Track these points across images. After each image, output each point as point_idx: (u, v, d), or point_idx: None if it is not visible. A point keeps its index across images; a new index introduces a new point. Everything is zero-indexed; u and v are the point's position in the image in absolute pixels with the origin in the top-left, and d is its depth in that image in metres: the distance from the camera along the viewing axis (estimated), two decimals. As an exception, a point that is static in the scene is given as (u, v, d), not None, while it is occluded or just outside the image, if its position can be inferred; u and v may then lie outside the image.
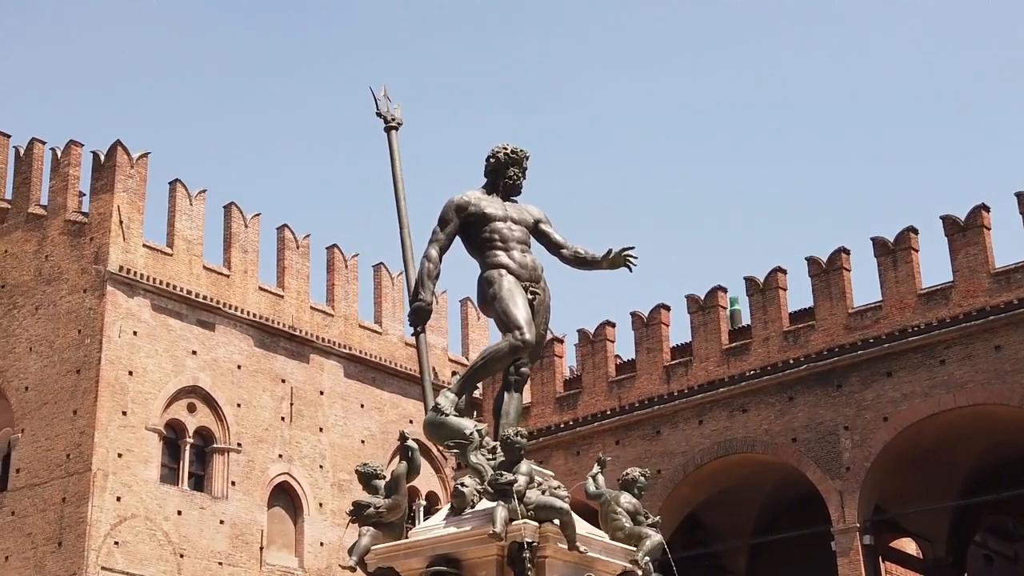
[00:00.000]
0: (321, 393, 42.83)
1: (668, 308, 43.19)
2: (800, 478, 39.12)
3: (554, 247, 13.94)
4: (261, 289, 42.31)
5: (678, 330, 43.58)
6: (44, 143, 41.81)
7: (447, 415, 13.00)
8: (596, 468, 13.58)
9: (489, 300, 13.40)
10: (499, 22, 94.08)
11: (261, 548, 39.79)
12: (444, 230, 13.60)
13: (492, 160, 13.98)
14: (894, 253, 38.65)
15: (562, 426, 43.78)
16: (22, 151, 42.12)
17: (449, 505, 12.61)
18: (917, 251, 38.72)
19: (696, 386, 41.40)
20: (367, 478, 12.96)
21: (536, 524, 11.85)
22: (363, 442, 42.55)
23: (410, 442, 12.91)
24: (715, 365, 41.43)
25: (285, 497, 41.23)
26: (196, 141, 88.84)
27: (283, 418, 41.45)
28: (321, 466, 41.62)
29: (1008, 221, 59.52)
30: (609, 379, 43.56)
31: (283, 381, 41.90)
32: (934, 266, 48.33)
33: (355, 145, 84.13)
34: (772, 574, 44.13)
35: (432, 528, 12.56)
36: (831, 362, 38.75)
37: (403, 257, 14.16)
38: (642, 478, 13.48)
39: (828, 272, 39.77)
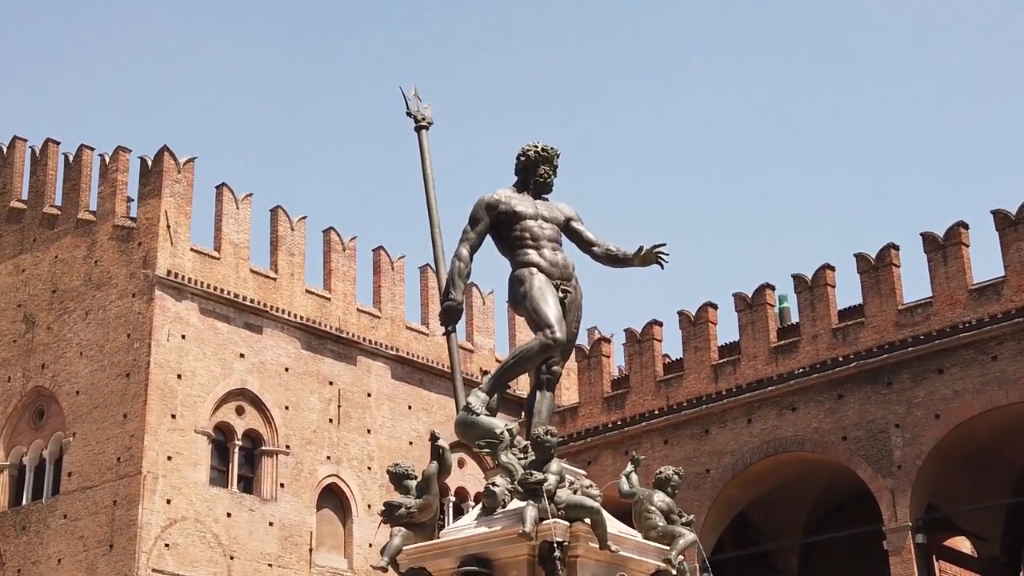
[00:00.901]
0: (368, 395, 42.92)
1: (716, 306, 43.04)
2: (851, 477, 38.84)
3: (586, 245, 13.86)
4: (308, 292, 42.43)
5: (726, 328, 43.47)
6: (93, 149, 42.11)
7: (478, 414, 12.95)
8: (629, 467, 13.47)
9: (520, 299, 13.35)
10: (540, 23, 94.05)
11: (310, 550, 39.94)
12: (475, 229, 13.57)
13: (522, 158, 13.93)
14: (944, 248, 38.30)
15: (610, 426, 43.73)
16: (71, 157, 42.47)
17: (481, 505, 12.56)
18: (967, 246, 38.34)
19: (744, 385, 41.25)
20: (398, 478, 12.93)
21: (567, 523, 11.76)
22: (411, 443, 42.61)
23: (441, 442, 12.88)
24: (763, 363, 41.23)
25: (334, 499, 41.34)
26: (242, 145, 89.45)
27: (331, 420, 41.57)
28: (369, 468, 41.70)
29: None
30: (657, 378, 43.46)
31: (330, 383, 42.02)
32: (985, 261, 47.74)
33: (401, 147, 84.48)
34: (824, 573, 43.82)
35: (463, 528, 12.51)
36: (881, 359, 38.48)
37: (434, 256, 14.13)
38: (676, 477, 13.35)
39: (877, 268, 39.47)
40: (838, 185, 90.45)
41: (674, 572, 12.61)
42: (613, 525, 12.33)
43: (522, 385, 20.30)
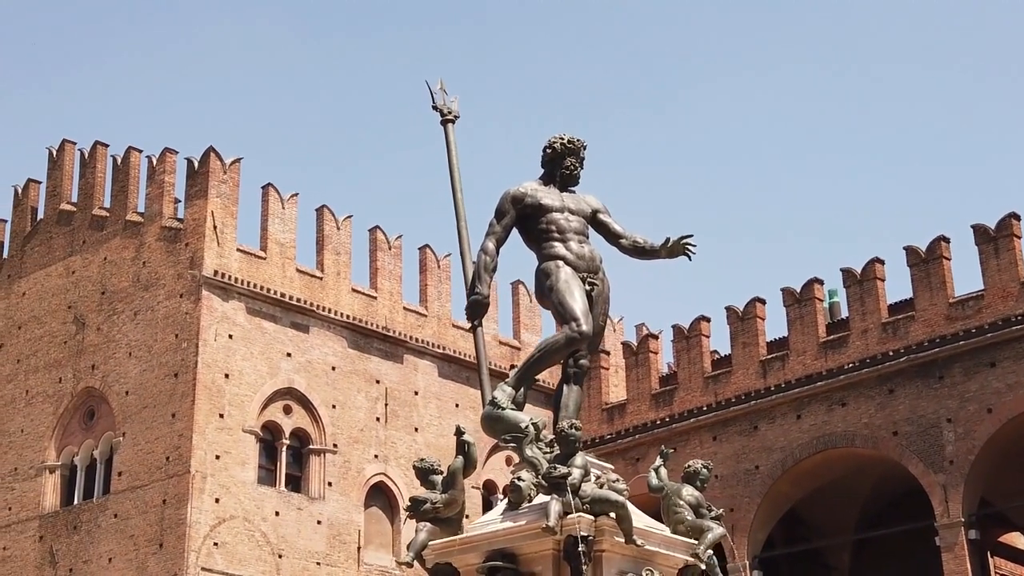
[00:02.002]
0: (416, 393, 42.96)
1: (764, 302, 42.69)
2: (902, 472, 38.39)
3: (613, 237, 13.74)
4: (354, 291, 42.53)
5: (774, 324, 43.09)
6: (140, 151, 42.43)
7: (503, 409, 12.87)
8: (658, 461, 13.32)
9: (546, 292, 13.26)
10: (576, 18, 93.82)
11: (358, 548, 40.02)
12: (501, 222, 13.49)
13: (548, 150, 13.83)
14: (995, 240, 37.77)
15: (658, 423, 43.45)
16: (119, 160, 42.82)
17: (507, 499, 12.47)
18: (1019, 238, 37.80)
19: (793, 380, 40.87)
20: (424, 473, 12.88)
21: (591, 518, 11.65)
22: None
23: (466, 436, 12.81)
24: (812, 358, 40.85)
25: (381, 497, 41.41)
26: (288, 145, 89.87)
27: (378, 419, 41.64)
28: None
29: (1120, 206, 57.56)
30: (705, 374, 43.18)
31: (377, 382, 42.09)
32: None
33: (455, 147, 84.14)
34: (877, 570, 43.34)
35: (489, 523, 12.43)
36: (932, 353, 38.00)
37: (460, 251, 14.07)
38: (704, 471, 13.17)
39: (927, 262, 38.99)
40: (887, 178, 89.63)
41: (703, 567, 12.46)
42: (640, 519, 12.20)
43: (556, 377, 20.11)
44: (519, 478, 12.25)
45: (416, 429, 42.56)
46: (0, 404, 42.83)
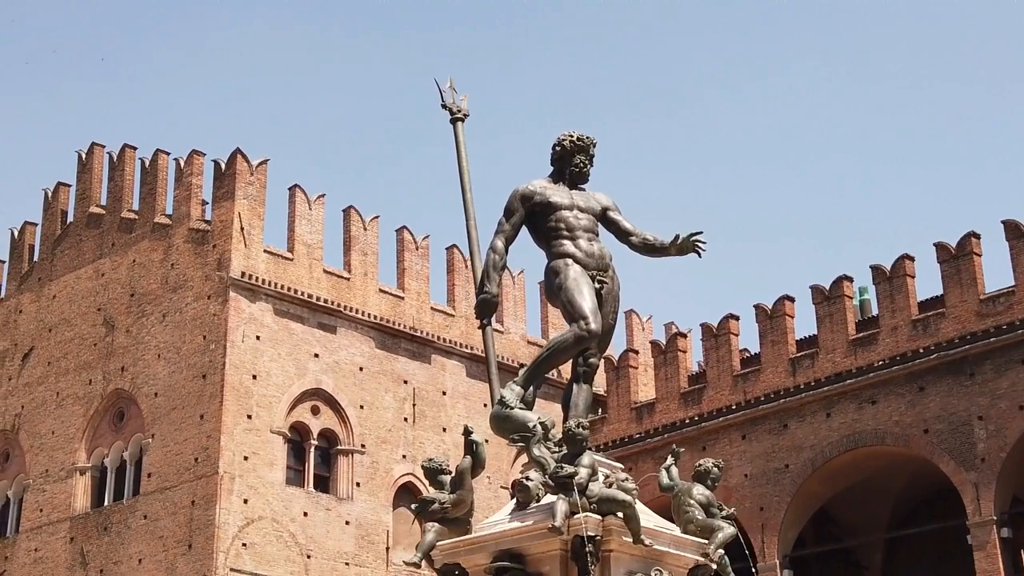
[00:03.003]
0: (444, 393, 42.95)
1: (792, 300, 42.39)
2: (934, 470, 38.05)
3: (623, 235, 13.66)
4: (381, 291, 42.57)
5: (803, 322, 42.82)
6: (168, 154, 42.64)
7: (512, 408, 12.82)
8: (669, 459, 13.20)
9: (555, 290, 13.20)
10: (587, 15, 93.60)
11: (387, 548, 40.04)
12: (509, 220, 13.45)
13: (558, 148, 13.77)
14: (1026, 236, 37.38)
15: (687, 421, 43.24)
16: (147, 162, 43.02)
17: (515, 499, 12.41)
18: (1051, 234, 37.39)
19: (823, 378, 40.58)
20: (433, 473, 12.85)
21: (599, 517, 11.57)
22: (487, 441, 42.25)
23: (474, 436, 12.77)
24: (842, 356, 40.55)
25: (410, 497, 41.28)
26: (314, 146, 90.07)
27: (406, 419, 41.64)
28: (456, 466, 41.68)
29: None
30: (734, 373, 42.93)
31: (405, 382, 42.11)
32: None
33: (475, 146, 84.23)
34: (909, 569, 42.96)
35: (497, 523, 12.37)
36: (963, 350, 37.63)
37: (469, 249, 14.04)
38: (715, 469, 13.05)
39: (958, 258, 38.63)
40: (917, 174, 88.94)
41: (714, 566, 12.35)
42: (649, 519, 12.10)
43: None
44: (527, 478, 12.21)
45: (444, 429, 42.56)
46: (31, 407, 43.11)
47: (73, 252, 44.15)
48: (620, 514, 11.58)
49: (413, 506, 13.01)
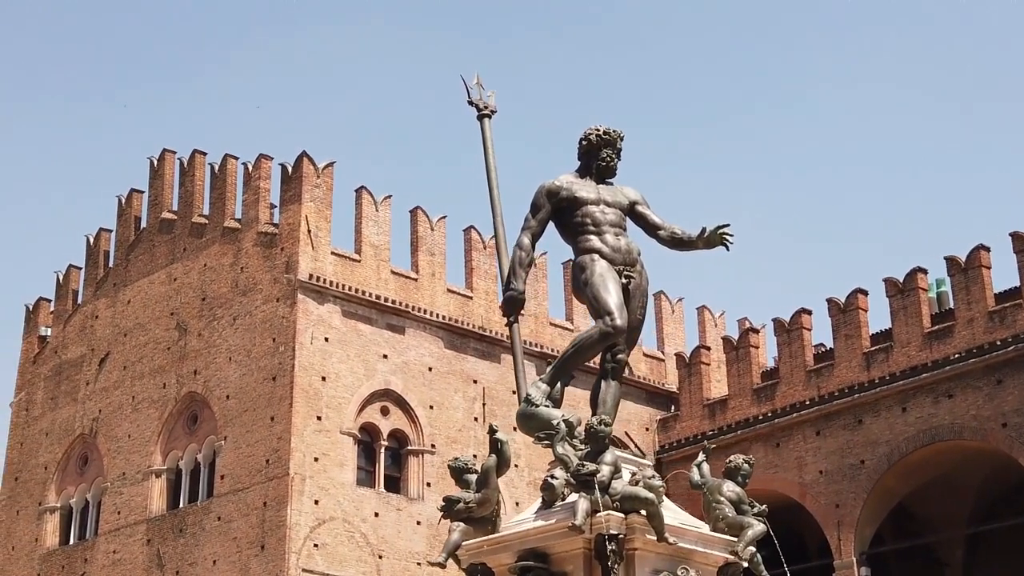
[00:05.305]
0: (513, 392, 42.72)
1: (866, 293, 41.80)
2: (1013, 464, 37.35)
3: (651, 229, 13.50)
4: (449, 291, 42.56)
5: (877, 315, 42.15)
6: (237, 158, 42.97)
7: (537, 406, 12.71)
8: (700, 456, 12.99)
9: (581, 286, 13.07)
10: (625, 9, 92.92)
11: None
12: (536, 216, 13.35)
13: (584, 142, 13.63)
14: (1104, 223, 36.52)
15: (760, 418, 42.83)
16: (216, 167, 43.43)
17: (541, 498, 12.29)
18: None
19: (898, 372, 40.00)
20: (459, 472, 12.78)
21: (622, 515, 11.41)
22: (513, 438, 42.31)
23: (499, 435, 12.67)
24: (917, 350, 39.91)
25: (480, 497, 41.35)
26: (380, 148, 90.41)
27: (476, 418, 41.60)
28: (516, 465, 41.47)
29: None
30: (807, 368, 42.44)
31: (475, 382, 42.08)
32: None
33: (539, 146, 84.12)
34: (991, 565, 42.09)
35: (521, 522, 12.28)
36: (1041, 341, 36.85)
37: (496, 247, 13.94)
38: (746, 465, 12.81)
39: (1035, 247, 37.83)
40: (990, 164, 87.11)
41: (744, 564, 12.12)
42: (674, 517, 11.91)
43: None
44: (552, 476, 12.09)
45: (515, 428, 42.11)
46: (108, 411, 43.71)
47: (146, 257, 44.70)
48: (643, 512, 11.40)
49: (439, 506, 12.95)
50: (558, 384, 13.03)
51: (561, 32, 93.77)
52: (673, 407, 46.36)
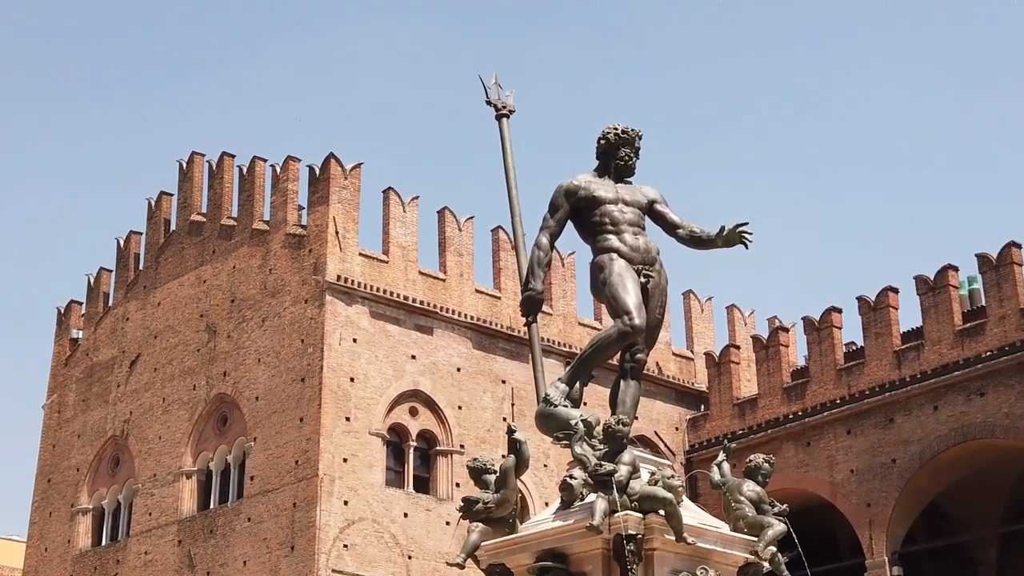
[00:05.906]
0: (540, 392, 42.69)
1: (896, 291, 41.55)
2: (1047, 463, 37.02)
3: (670, 227, 13.43)
4: (477, 291, 42.52)
5: (908, 313, 41.90)
6: (265, 160, 43.07)
7: (556, 406, 12.67)
8: (721, 456, 12.88)
9: (600, 285, 13.04)
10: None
11: (488, 548, 39.95)
12: (554, 216, 13.29)
13: (602, 141, 13.58)
14: None
15: (791, 417, 42.62)
16: (245, 170, 43.54)
17: (560, 498, 12.25)
18: None
19: (929, 370, 39.74)
20: (478, 473, 12.74)
21: (640, 516, 11.35)
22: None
23: (518, 435, 12.62)
24: (948, 347, 39.63)
25: (510, 497, 41.30)
26: (407, 149, 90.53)
27: (504, 419, 41.48)
28: (545, 465, 41.39)
29: None
30: (838, 367, 42.21)
31: (503, 382, 42.03)
32: None
33: (566, 145, 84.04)
34: (1025, 565, 41.79)
35: (540, 522, 12.24)
36: (1074, 338, 36.53)
37: (514, 247, 13.91)
38: (766, 465, 12.70)
39: (1067, 244, 37.55)
40: (1021, 160, 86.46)
41: (765, 564, 12.03)
42: (693, 517, 11.84)
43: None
44: (571, 476, 12.04)
45: (540, 428, 42.30)
46: (139, 412, 43.91)
47: (176, 260, 44.88)
48: (662, 512, 11.34)
49: (458, 507, 12.91)
50: (577, 384, 12.99)
51: (586, 33, 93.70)
52: (703, 406, 46.20)
